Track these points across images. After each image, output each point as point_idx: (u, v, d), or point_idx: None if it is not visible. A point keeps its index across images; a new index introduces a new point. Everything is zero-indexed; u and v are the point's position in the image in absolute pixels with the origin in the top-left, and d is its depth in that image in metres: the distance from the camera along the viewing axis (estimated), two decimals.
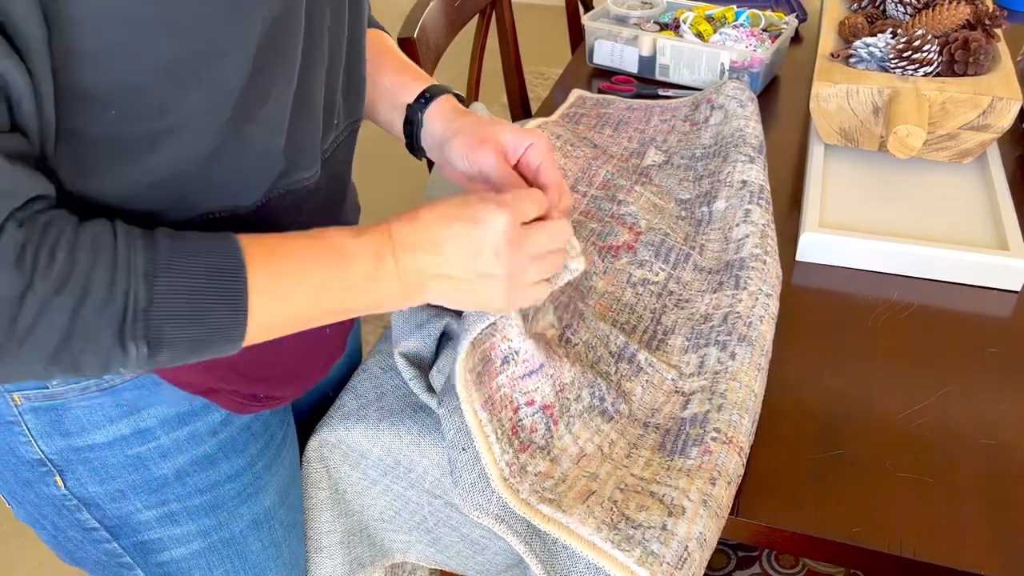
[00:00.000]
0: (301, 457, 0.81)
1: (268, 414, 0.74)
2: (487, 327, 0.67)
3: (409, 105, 0.76)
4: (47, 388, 0.62)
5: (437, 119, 0.75)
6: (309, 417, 0.88)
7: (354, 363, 0.96)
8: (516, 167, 0.69)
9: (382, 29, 0.84)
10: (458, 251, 0.59)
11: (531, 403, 0.70)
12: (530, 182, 0.69)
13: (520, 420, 0.69)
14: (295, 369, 0.72)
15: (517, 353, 0.69)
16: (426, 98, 0.75)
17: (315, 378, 0.76)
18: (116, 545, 0.70)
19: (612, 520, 0.64)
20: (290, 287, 0.54)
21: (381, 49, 0.80)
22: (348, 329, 0.80)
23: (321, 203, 0.69)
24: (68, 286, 0.46)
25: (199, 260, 0.51)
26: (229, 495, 0.71)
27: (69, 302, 0.46)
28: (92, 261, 0.47)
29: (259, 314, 0.53)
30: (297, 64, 0.58)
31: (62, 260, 0.46)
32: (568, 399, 0.72)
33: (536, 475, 0.67)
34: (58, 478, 0.66)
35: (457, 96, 0.78)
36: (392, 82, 0.78)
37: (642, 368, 0.79)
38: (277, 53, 0.55)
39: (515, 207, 0.60)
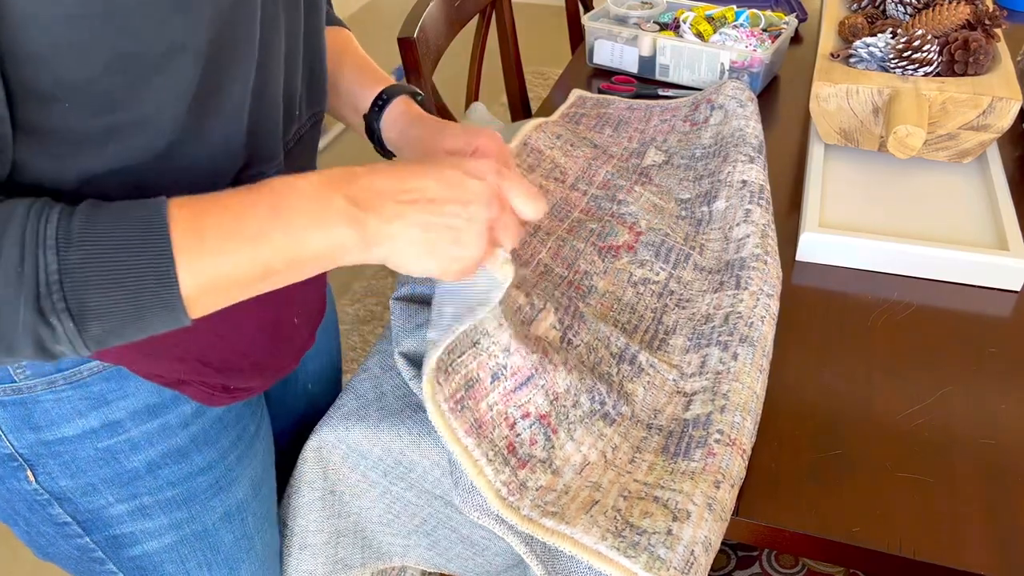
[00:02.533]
0: (298, 457, 0.81)
1: (240, 406, 0.74)
2: (454, 339, 0.66)
3: (365, 115, 0.77)
4: (15, 382, 0.61)
5: (391, 128, 0.76)
6: (289, 412, 0.88)
7: (334, 355, 0.96)
8: None
9: (343, 26, 0.84)
10: (442, 182, 0.54)
11: (527, 415, 0.70)
12: None
13: (518, 435, 0.69)
14: (264, 360, 0.72)
15: (505, 368, 0.69)
16: (379, 106, 0.76)
17: (285, 369, 0.75)
18: (88, 540, 0.70)
19: (616, 528, 0.64)
20: (221, 240, 0.50)
21: (342, 49, 0.80)
22: (317, 320, 0.80)
23: None
24: None
25: (117, 225, 0.48)
26: (201, 487, 0.71)
27: None
28: (0, 237, 0.46)
29: (192, 275, 0.49)
30: (255, 56, 0.57)
31: None
32: (565, 406, 0.72)
33: (537, 490, 0.67)
34: (29, 473, 0.66)
35: (413, 94, 0.77)
36: (351, 87, 0.78)
37: (643, 369, 0.79)
38: (232, 45, 0.55)
39: (513, 178, 0.58)
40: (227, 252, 0.50)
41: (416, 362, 0.80)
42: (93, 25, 0.47)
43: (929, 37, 1.06)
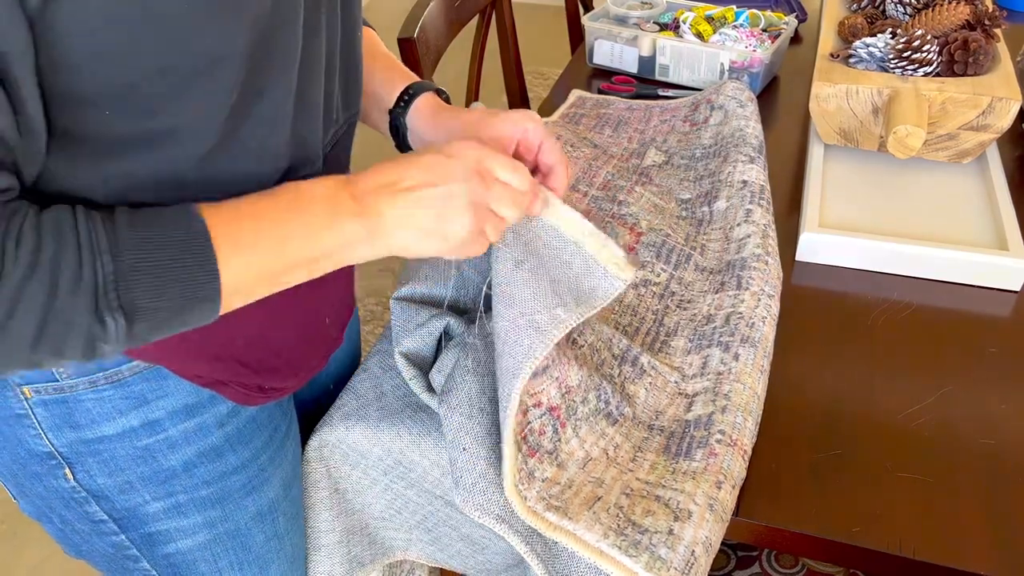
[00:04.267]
0: (302, 456, 0.81)
1: (272, 406, 0.75)
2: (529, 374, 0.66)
3: (390, 110, 0.77)
4: (57, 381, 0.62)
5: (419, 121, 0.76)
6: (312, 411, 0.88)
7: (354, 356, 0.96)
8: (516, 152, 0.70)
9: (368, 25, 0.84)
10: (420, 168, 0.59)
11: (538, 405, 0.70)
12: (534, 164, 0.70)
13: (529, 423, 0.69)
14: (297, 360, 0.73)
15: None
16: (406, 101, 0.77)
17: (316, 368, 0.76)
18: (123, 537, 0.71)
19: (619, 526, 0.64)
20: (252, 241, 0.55)
21: (372, 51, 0.80)
22: (346, 320, 0.81)
23: None
24: (38, 271, 0.47)
25: (159, 229, 0.51)
26: (235, 487, 0.72)
27: (42, 287, 0.47)
28: (58, 244, 0.48)
29: (229, 273, 0.53)
30: (296, 62, 0.58)
31: (29, 246, 0.47)
32: (575, 401, 0.72)
33: (543, 481, 0.67)
34: (67, 471, 0.66)
35: (439, 91, 0.78)
36: (379, 86, 0.79)
37: (645, 371, 0.79)
38: (274, 52, 0.55)
39: (492, 154, 0.61)
40: (258, 252, 0.55)
41: (416, 362, 0.80)
42: (132, 33, 0.47)
43: (929, 37, 1.06)
